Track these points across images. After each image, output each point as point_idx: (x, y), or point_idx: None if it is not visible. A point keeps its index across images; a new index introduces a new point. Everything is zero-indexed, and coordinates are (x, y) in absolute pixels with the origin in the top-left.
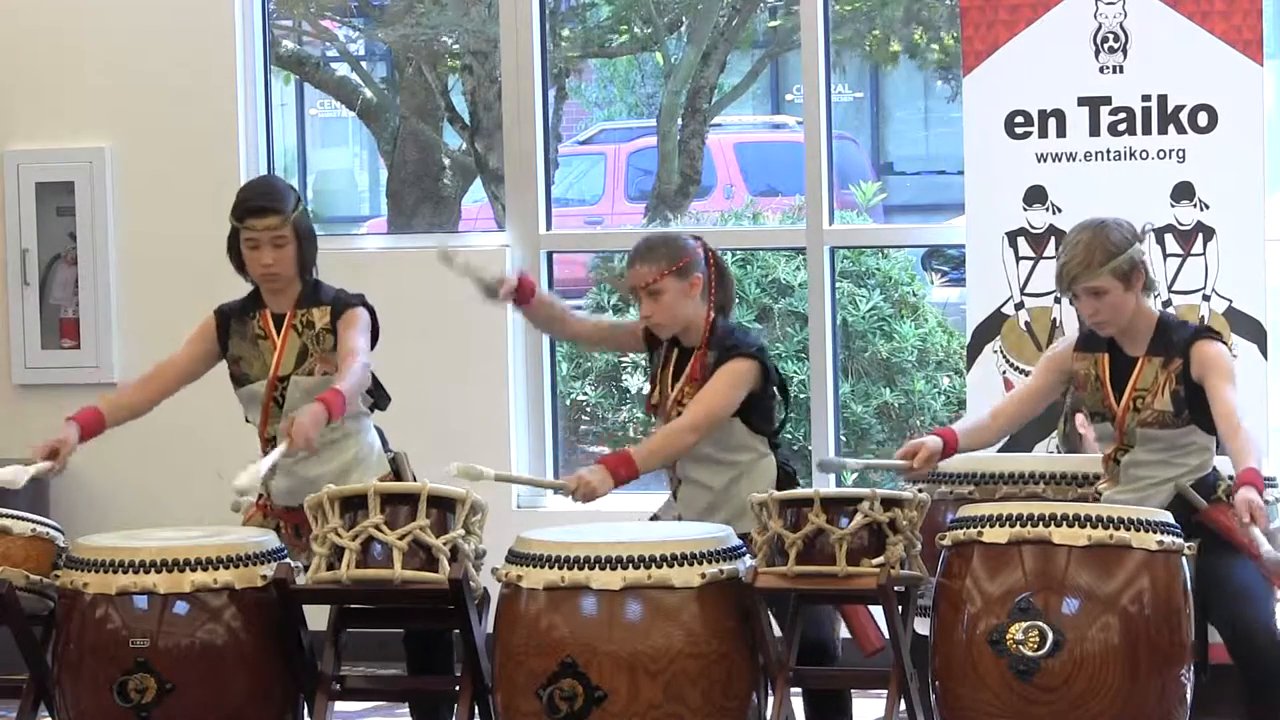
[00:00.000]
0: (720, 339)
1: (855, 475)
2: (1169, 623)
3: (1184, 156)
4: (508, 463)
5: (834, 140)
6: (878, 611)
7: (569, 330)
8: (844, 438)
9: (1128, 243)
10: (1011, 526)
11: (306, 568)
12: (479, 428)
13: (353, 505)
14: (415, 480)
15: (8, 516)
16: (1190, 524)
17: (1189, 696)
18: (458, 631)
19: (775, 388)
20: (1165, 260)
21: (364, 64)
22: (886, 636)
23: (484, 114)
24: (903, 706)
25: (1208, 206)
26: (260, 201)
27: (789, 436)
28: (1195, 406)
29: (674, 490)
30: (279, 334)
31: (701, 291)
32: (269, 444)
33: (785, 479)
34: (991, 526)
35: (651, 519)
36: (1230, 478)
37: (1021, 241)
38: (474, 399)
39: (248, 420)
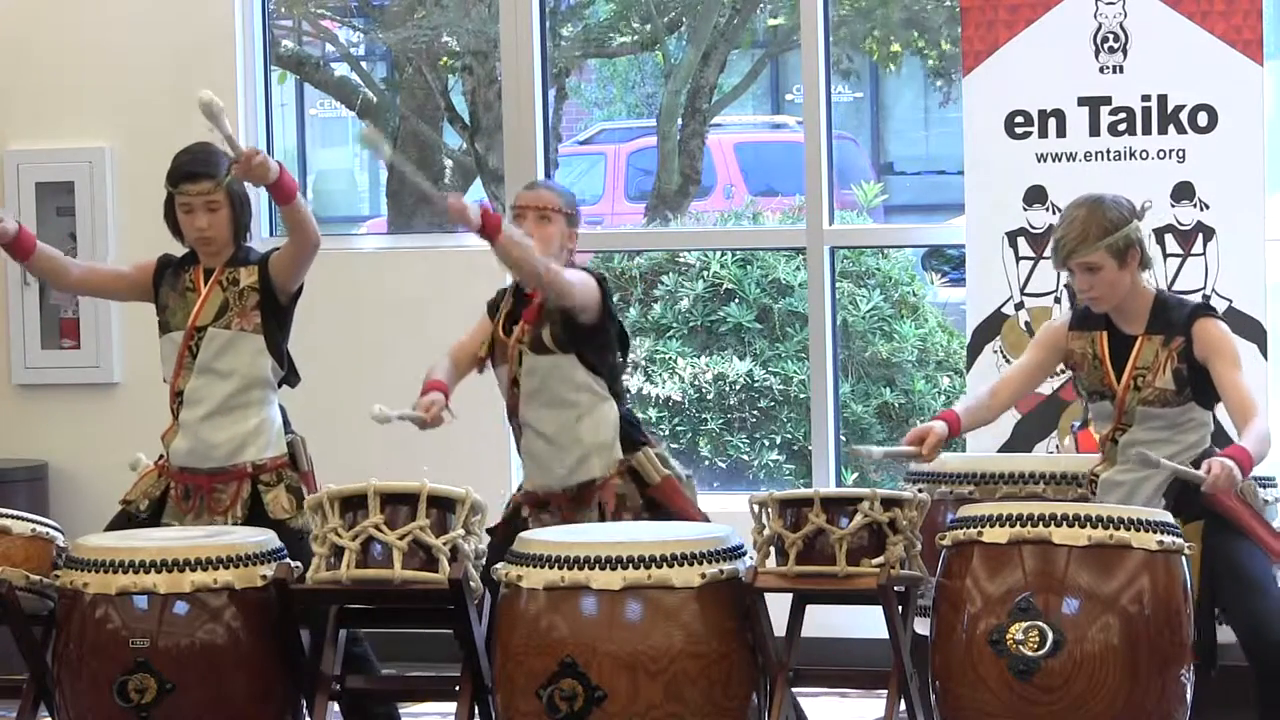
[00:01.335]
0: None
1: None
2: (1169, 623)
3: (1184, 156)
4: (508, 462)
5: (834, 140)
6: None
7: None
8: (844, 438)
9: (1125, 219)
10: (1011, 526)
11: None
12: (478, 428)
13: (352, 505)
14: (310, 463)
15: (8, 516)
16: (1193, 504)
17: (1189, 696)
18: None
19: (613, 327)
20: (1165, 260)
21: (364, 64)
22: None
23: (484, 114)
24: (903, 706)
25: (1208, 206)
26: (193, 167)
27: (789, 437)
28: (1197, 384)
29: (517, 441)
30: (205, 286)
31: (567, 248)
32: (178, 398)
33: (629, 429)
34: (991, 526)
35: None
36: None
37: (1021, 241)
38: (473, 399)
39: (164, 380)
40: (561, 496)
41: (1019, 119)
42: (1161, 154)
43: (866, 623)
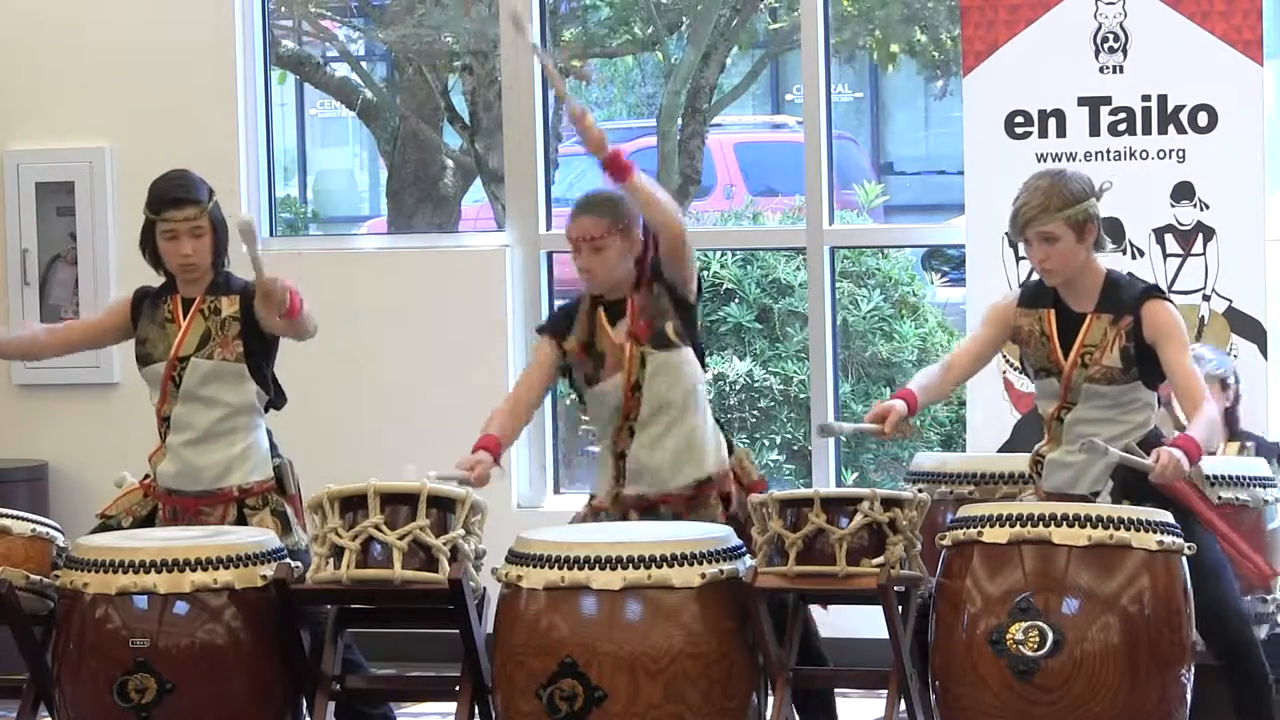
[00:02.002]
0: (656, 269)
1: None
2: (1169, 623)
3: (1184, 156)
4: (508, 463)
5: (834, 140)
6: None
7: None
8: (844, 437)
9: (1085, 194)
10: (1011, 526)
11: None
12: (478, 428)
13: (353, 505)
14: (298, 486)
15: (8, 516)
16: (1141, 488)
17: (1189, 696)
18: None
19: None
20: (1165, 260)
21: (364, 64)
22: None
23: (484, 114)
24: (903, 706)
25: (1208, 206)
26: (178, 193)
27: (789, 437)
28: (1143, 364)
29: (615, 474)
30: (185, 317)
31: (636, 254)
32: (165, 423)
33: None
34: (991, 526)
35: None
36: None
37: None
38: (473, 399)
39: (151, 402)
40: (679, 497)
41: (1019, 119)
42: (1161, 154)
43: (867, 623)
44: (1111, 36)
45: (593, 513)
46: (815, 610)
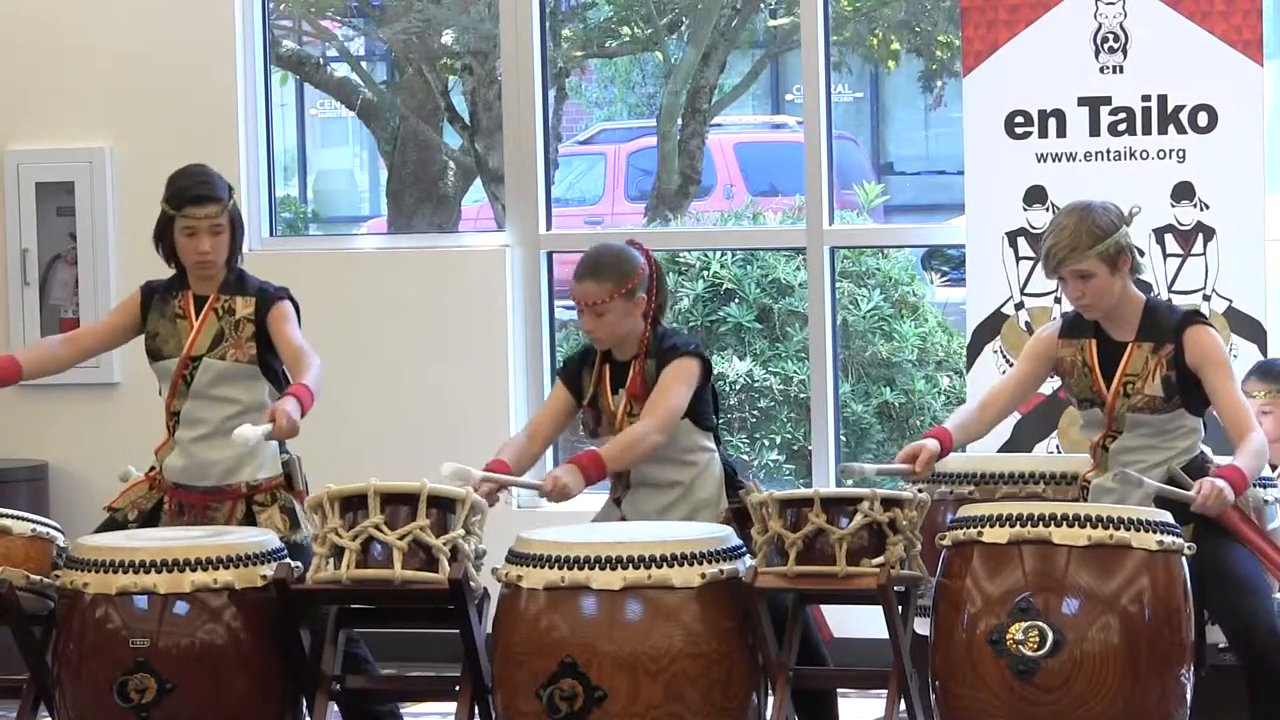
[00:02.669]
0: (658, 347)
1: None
2: (1169, 623)
3: (1184, 156)
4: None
5: (834, 140)
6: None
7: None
8: (844, 438)
9: (1114, 226)
10: (1011, 526)
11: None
12: (478, 428)
13: (353, 505)
14: (305, 483)
15: (8, 516)
16: (1181, 508)
17: (1189, 696)
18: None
19: (712, 385)
20: (1165, 260)
21: (364, 64)
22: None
23: (484, 114)
24: (903, 706)
25: (1208, 206)
26: (201, 190)
27: (789, 437)
28: (1186, 391)
29: (617, 497)
30: (198, 315)
31: (643, 310)
32: (174, 417)
33: (730, 475)
34: (991, 526)
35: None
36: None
37: (1021, 241)
38: (473, 399)
39: (160, 395)
40: None
41: (1019, 119)
42: (1161, 154)
43: (866, 623)
44: (1111, 36)
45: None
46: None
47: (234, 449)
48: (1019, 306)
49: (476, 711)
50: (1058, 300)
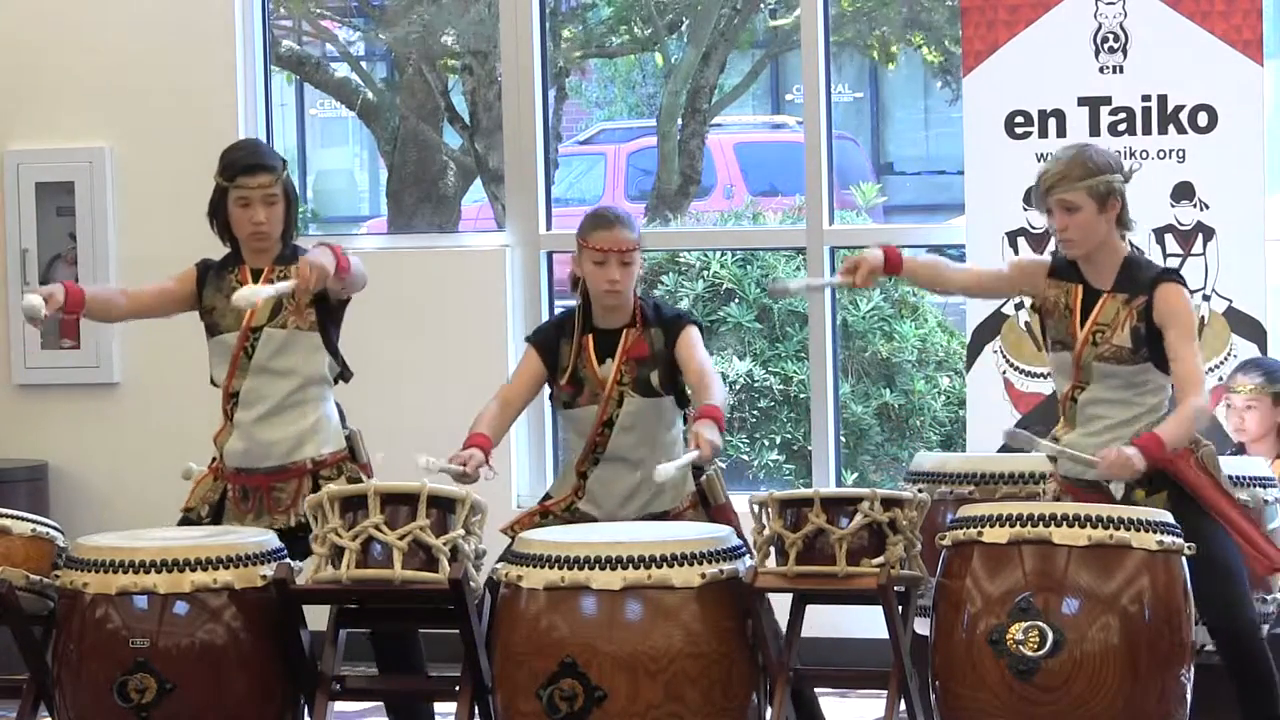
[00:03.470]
0: (657, 313)
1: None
2: (1169, 623)
3: (1184, 156)
4: (508, 462)
5: (834, 140)
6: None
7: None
8: (844, 438)
9: (1109, 167)
10: (1011, 526)
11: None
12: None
13: (353, 505)
14: (368, 458)
15: (8, 516)
16: (1156, 476)
17: (1189, 696)
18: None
19: None
20: (1165, 260)
21: (364, 64)
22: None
23: (484, 114)
24: (903, 706)
25: (1208, 206)
26: (253, 159)
27: (789, 437)
28: (1154, 346)
29: (582, 469)
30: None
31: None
32: (231, 399)
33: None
34: (991, 526)
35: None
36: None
37: (1021, 241)
38: (473, 399)
39: (213, 382)
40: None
41: (1019, 119)
42: (1161, 154)
43: (866, 623)
44: (1111, 36)
45: (541, 513)
46: (812, 610)
47: (294, 427)
48: (1019, 306)
49: (476, 711)
50: None
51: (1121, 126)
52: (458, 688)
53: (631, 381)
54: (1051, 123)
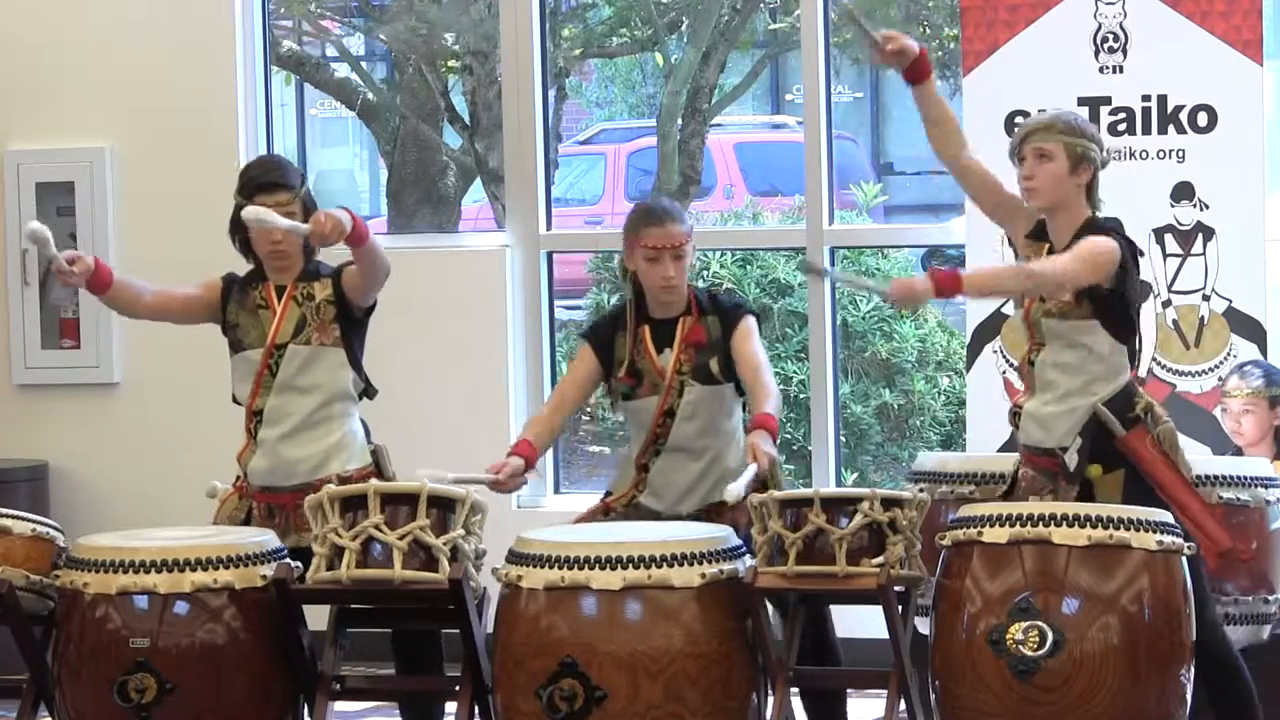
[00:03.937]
0: (713, 302)
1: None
2: (1169, 623)
3: (1184, 156)
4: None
5: (834, 140)
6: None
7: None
8: (844, 438)
9: (1091, 136)
10: (1011, 526)
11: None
12: (478, 428)
13: (353, 505)
14: (394, 473)
15: (8, 516)
16: (1110, 452)
17: (1189, 696)
18: (457, 631)
19: None
20: (1165, 260)
21: (364, 64)
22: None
23: (484, 114)
24: (903, 706)
25: (1208, 206)
26: (270, 178)
27: (789, 437)
28: (1096, 299)
29: (636, 482)
30: (279, 304)
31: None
32: (255, 417)
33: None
34: (991, 526)
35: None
36: (1149, 405)
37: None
38: (474, 399)
39: (235, 400)
40: (690, 517)
41: (1019, 119)
42: (1161, 154)
43: (866, 623)
44: (1111, 36)
45: (604, 510)
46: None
47: (320, 444)
48: (1019, 306)
49: (476, 711)
50: None
51: (1121, 126)
52: (458, 688)
53: (691, 370)
54: None
